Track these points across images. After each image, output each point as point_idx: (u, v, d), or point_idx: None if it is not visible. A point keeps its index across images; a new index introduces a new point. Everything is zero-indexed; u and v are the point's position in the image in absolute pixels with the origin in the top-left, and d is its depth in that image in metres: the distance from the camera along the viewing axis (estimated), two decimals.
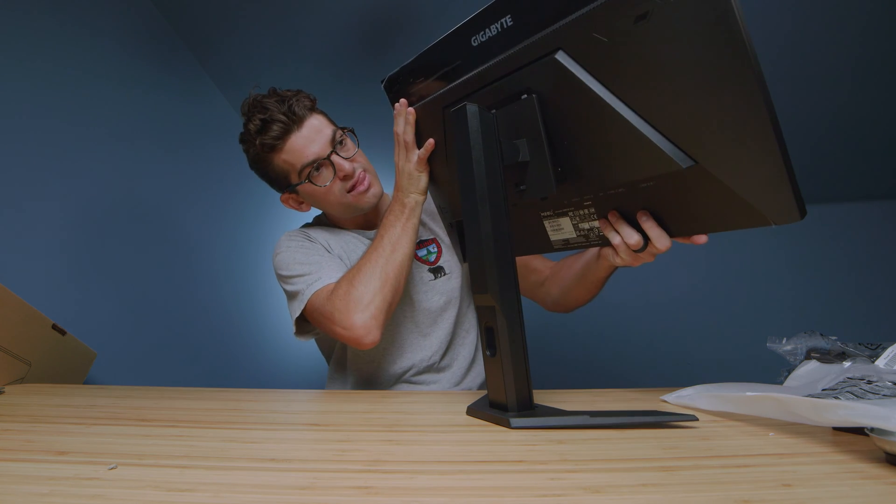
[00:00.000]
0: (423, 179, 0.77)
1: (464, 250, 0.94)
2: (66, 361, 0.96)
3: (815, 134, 1.89)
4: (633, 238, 0.57)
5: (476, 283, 0.54)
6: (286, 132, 0.83)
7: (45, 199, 1.11)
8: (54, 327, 0.90)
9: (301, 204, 0.94)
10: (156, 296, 1.42)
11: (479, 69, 0.59)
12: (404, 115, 0.73)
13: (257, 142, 0.84)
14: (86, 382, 1.03)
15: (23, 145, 1.06)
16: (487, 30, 0.57)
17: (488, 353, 0.53)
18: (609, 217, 0.58)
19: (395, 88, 0.75)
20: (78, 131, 1.20)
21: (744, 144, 0.44)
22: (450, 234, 0.93)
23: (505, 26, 0.55)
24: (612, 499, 0.30)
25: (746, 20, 0.41)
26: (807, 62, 1.59)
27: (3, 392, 0.73)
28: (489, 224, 0.53)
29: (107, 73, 1.31)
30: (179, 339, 1.50)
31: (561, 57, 0.51)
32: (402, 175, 0.78)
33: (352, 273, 0.77)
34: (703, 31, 0.43)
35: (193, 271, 1.62)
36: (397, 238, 0.78)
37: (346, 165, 0.85)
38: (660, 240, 0.56)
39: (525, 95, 0.56)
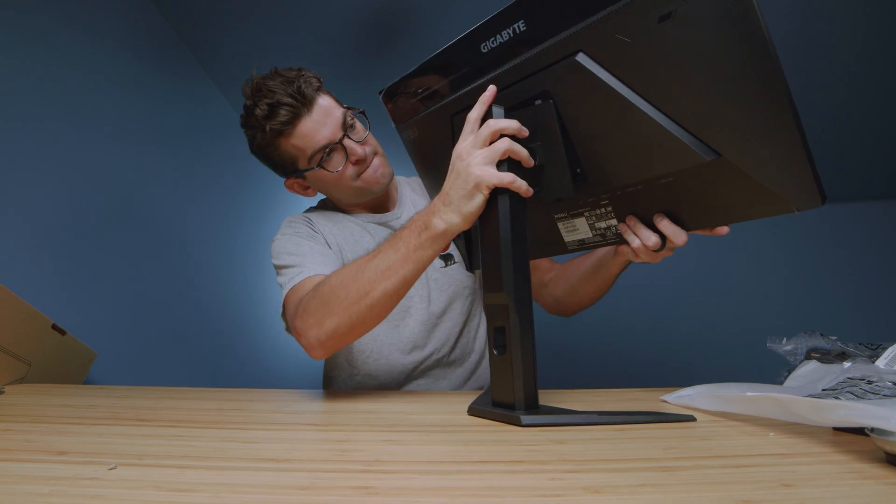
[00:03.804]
0: (479, 201, 0.56)
1: (470, 257, 0.93)
2: (66, 361, 0.96)
3: (815, 134, 1.88)
4: (652, 240, 0.58)
5: (490, 282, 0.54)
6: (296, 116, 0.79)
7: (46, 199, 1.11)
8: (54, 327, 0.90)
9: (307, 189, 0.90)
10: (156, 296, 1.42)
11: (493, 74, 0.59)
12: (484, 99, 0.58)
13: (267, 127, 0.80)
14: (86, 382, 1.03)
15: (23, 145, 1.06)
16: (499, 35, 0.57)
17: (496, 352, 0.53)
18: (627, 221, 0.59)
19: (395, 99, 0.73)
20: (78, 131, 1.20)
21: (766, 134, 0.46)
22: (455, 241, 0.92)
23: (518, 31, 0.55)
24: (612, 499, 0.30)
25: None
26: (807, 62, 1.59)
27: (3, 392, 0.73)
28: (508, 221, 0.53)
29: (107, 73, 1.31)
30: (179, 339, 1.50)
31: (581, 58, 0.52)
32: (453, 180, 0.58)
33: (330, 279, 0.68)
34: (724, 27, 0.44)
35: (193, 271, 1.62)
36: (394, 265, 0.62)
37: (359, 150, 0.82)
38: (676, 236, 0.56)
39: (540, 101, 0.56)
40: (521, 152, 0.56)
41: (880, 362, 0.52)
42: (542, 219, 0.67)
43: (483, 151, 0.55)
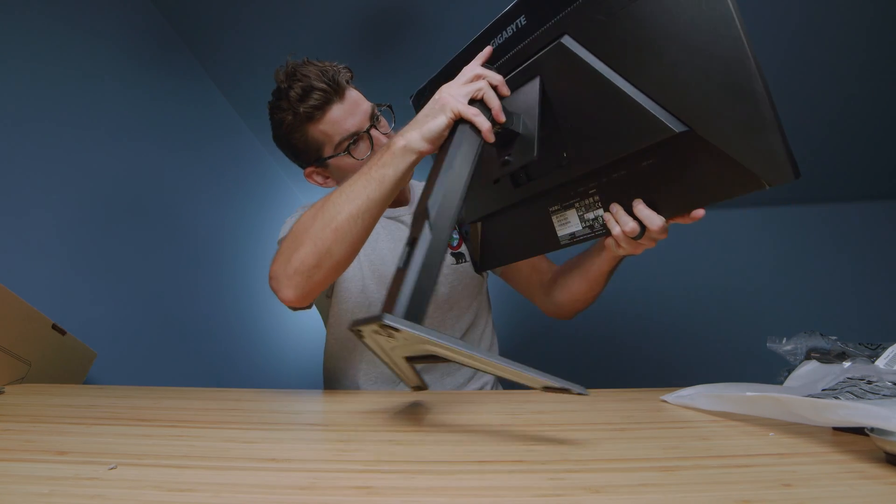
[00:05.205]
0: (442, 122, 0.59)
1: (479, 259, 0.93)
2: (66, 361, 0.95)
3: (815, 134, 1.89)
4: (629, 225, 0.59)
5: (423, 196, 0.54)
6: (327, 102, 0.82)
7: (46, 200, 1.11)
8: (54, 327, 0.90)
9: (327, 179, 0.92)
10: (156, 296, 1.42)
11: (496, 65, 0.65)
12: (482, 55, 0.64)
13: (301, 109, 0.81)
14: (86, 382, 1.03)
15: (23, 145, 1.06)
16: (504, 31, 0.63)
17: (400, 265, 0.51)
18: (610, 209, 0.61)
19: (422, 102, 0.77)
20: (78, 131, 1.20)
21: (734, 107, 0.47)
22: (465, 241, 0.93)
23: (520, 26, 0.61)
24: (612, 499, 0.30)
25: (749, 21, 0.44)
26: (808, 63, 1.59)
27: (3, 392, 0.73)
28: (458, 149, 0.56)
29: (107, 73, 1.31)
30: (179, 339, 1.50)
31: (566, 41, 0.56)
32: (425, 106, 0.62)
33: (301, 218, 0.68)
34: (691, 1, 0.47)
35: (194, 271, 1.62)
36: (357, 186, 0.63)
37: (384, 141, 0.85)
38: (651, 220, 0.58)
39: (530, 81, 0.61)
40: (493, 101, 0.59)
41: (880, 362, 0.52)
42: (538, 215, 0.69)
43: (460, 87, 0.60)
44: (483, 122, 0.58)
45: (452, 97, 0.59)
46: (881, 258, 2.34)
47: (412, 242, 0.51)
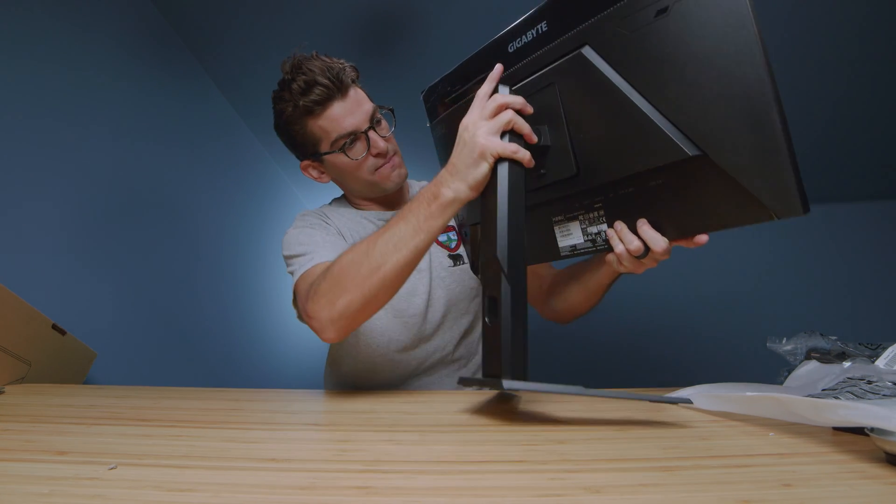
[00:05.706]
0: (485, 169, 0.59)
1: (476, 259, 0.93)
2: (66, 361, 0.95)
3: (815, 134, 1.89)
4: (634, 244, 0.58)
5: (486, 249, 0.55)
6: (329, 98, 0.82)
7: (46, 199, 1.11)
8: (54, 327, 0.90)
9: (322, 174, 0.92)
10: (156, 296, 1.42)
11: (512, 69, 0.64)
12: (493, 76, 0.64)
13: (301, 102, 0.82)
14: (86, 382, 1.03)
15: (23, 145, 1.06)
16: (524, 36, 0.62)
17: (487, 320, 0.53)
18: (615, 227, 0.61)
19: (433, 99, 0.77)
20: (78, 131, 1.20)
21: (749, 136, 0.46)
22: (464, 242, 0.92)
23: (540, 32, 0.60)
24: (612, 499, 0.30)
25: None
26: (807, 63, 1.59)
27: (3, 392, 0.73)
28: (506, 189, 0.56)
29: (107, 73, 1.31)
30: (179, 339, 1.50)
31: (587, 52, 0.55)
32: (459, 150, 0.61)
33: (340, 258, 0.69)
34: (716, 25, 0.46)
35: (194, 271, 1.63)
36: (406, 236, 0.63)
37: (381, 143, 0.85)
38: (655, 241, 0.57)
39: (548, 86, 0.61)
40: (524, 127, 0.59)
41: (880, 362, 0.52)
42: (541, 224, 0.68)
43: (488, 123, 0.59)
44: (524, 155, 0.59)
45: (486, 139, 0.59)
46: (881, 258, 2.34)
47: (492, 296, 0.52)
